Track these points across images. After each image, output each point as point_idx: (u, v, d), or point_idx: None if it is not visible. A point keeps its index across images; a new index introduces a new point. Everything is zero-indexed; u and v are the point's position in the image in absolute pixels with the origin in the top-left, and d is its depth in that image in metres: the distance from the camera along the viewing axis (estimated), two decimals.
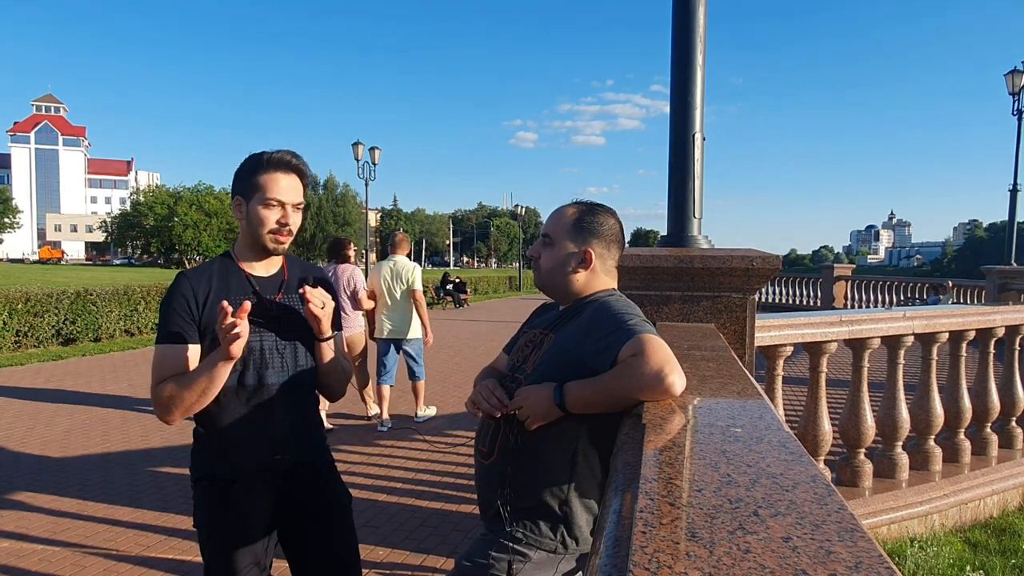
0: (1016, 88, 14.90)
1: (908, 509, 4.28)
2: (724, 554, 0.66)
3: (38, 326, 12.20)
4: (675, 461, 1.02)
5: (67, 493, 4.81)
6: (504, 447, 1.64)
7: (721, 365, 1.86)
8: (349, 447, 5.83)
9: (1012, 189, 15.18)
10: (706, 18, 3.02)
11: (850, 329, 4.11)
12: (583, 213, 1.75)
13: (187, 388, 1.74)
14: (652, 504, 0.81)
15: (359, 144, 23.00)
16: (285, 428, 1.91)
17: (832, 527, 0.73)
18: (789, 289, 22.97)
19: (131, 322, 14.15)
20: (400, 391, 7.61)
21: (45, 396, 8.32)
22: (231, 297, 1.78)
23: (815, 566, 0.64)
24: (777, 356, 3.85)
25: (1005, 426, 5.30)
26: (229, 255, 1.95)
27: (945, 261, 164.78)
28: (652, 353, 1.40)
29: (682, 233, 3.11)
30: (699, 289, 2.90)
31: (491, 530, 1.68)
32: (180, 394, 1.75)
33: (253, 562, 1.90)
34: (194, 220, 73.65)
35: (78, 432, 6.58)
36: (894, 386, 4.46)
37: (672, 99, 3.10)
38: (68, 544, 3.93)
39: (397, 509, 4.51)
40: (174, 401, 1.75)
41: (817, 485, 0.87)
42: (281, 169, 1.85)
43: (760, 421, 1.24)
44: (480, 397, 1.67)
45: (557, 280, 1.75)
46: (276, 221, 1.85)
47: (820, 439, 4.10)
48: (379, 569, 3.63)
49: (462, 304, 25.62)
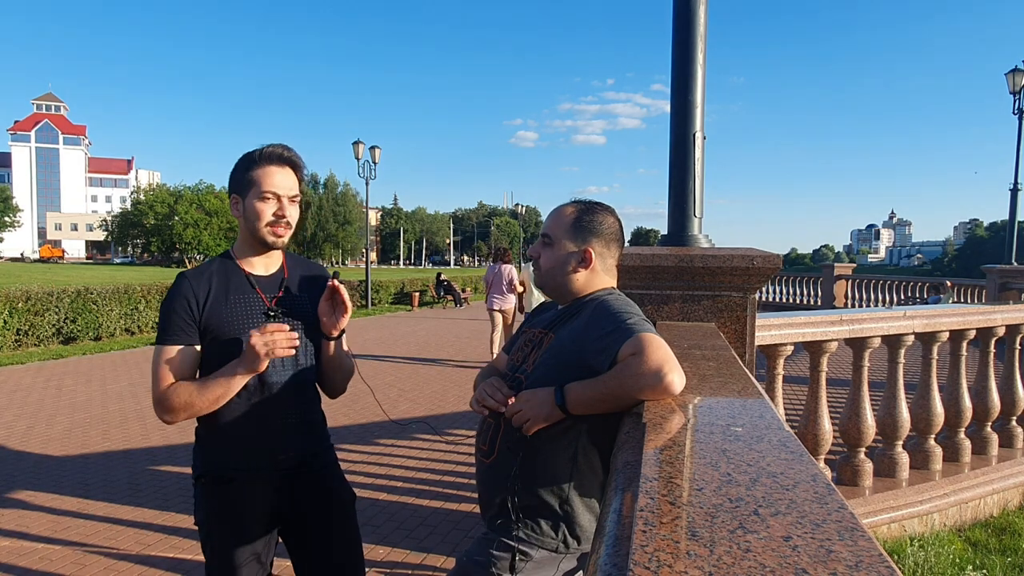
0: (1016, 87, 14.90)
1: (908, 508, 4.28)
2: (724, 553, 0.66)
3: (39, 325, 12.21)
4: (675, 460, 1.02)
5: (68, 492, 4.81)
6: (505, 446, 1.64)
7: (721, 364, 1.86)
8: (350, 445, 5.84)
9: (1013, 188, 15.18)
10: (707, 17, 3.02)
11: (850, 328, 4.11)
12: (582, 212, 1.75)
13: (201, 396, 1.76)
14: (652, 503, 0.81)
15: (359, 143, 22.95)
16: (287, 426, 1.91)
17: (832, 526, 0.73)
18: (790, 288, 22.96)
19: (131, 321, 14.17)
20: (405, 392, 7.59)
21: (46, 395, 8.32)
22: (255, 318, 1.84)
23: (815, 565, 0.64)
24: (777, 355, 3.85)
25: (1005, 425, 5.29)
26: (229, 255, 1.95)
27: (946, 260, 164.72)
28: (651, 352, 1.40)
29: (682, 232, 3.10)
30: (699, 288, 2.90)
31: (492, 529, 1.68)
32: (194, 402, 1.76)
33: (253, 560, 1.90)
34: (195, 219, 73.71)
35: (78, 431, 6.58)
36: (894, 385, 4.45)
37: (673, 98, 3.10)
38: (69, 543, 3.94)
39: (398, 508, 4.51)
40: (187, 408, 1.77)
41: (817, 484, 0.87)
42: (274, 162, 1.86)
43: (760, 420, 1.24)
44: (485, 394, 1.67)
45: (557, 279, 1.75)
46: (272, 214, 1.86)
47: (820, 438, 4.10)
48: (379, 568, 3.63)
49: (462, 303, 25.62)
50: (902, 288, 20.94)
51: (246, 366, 1.74)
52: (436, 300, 26.06)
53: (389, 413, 6.95)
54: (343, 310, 1.89)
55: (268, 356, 1.73)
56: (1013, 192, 15.18)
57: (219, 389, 1.76)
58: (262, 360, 1.73)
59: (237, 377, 1.76)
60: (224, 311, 1.83)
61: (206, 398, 1.76)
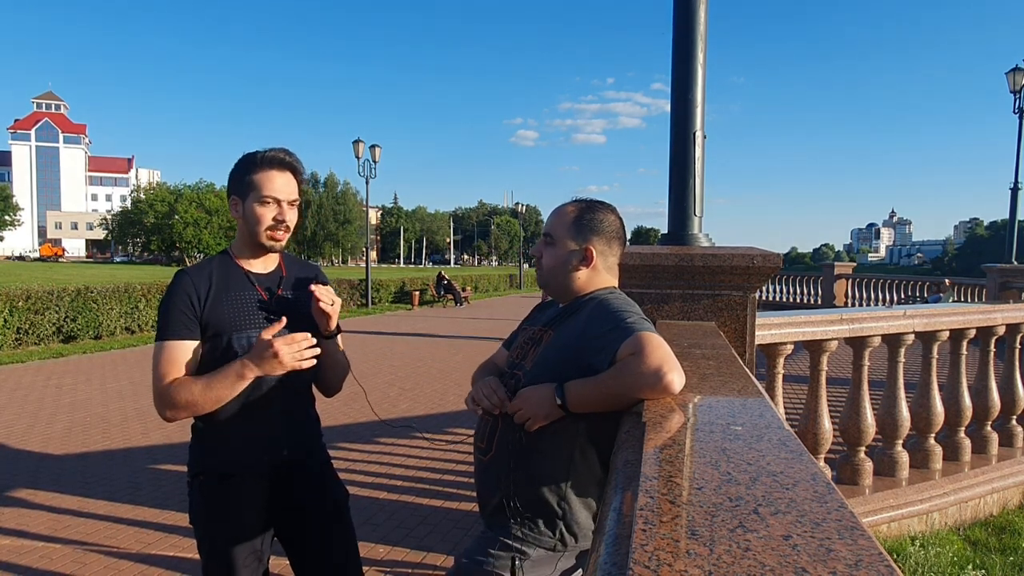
0: (1017, 86, 14.88)
1: (908, 507, 4.28)
2: (724, 552, 0.66)
3: (39, 324, 12.21)
4: (675, 459, 1.02)
5: (68, 490, 4.82)
6: (503, 444, 1.64)
7: (721, 363, 1.86)
8: (349, 444, 5.84)
9: (1013, 187, 15.17)
10: (707, 16, 3.02)
11: (851, 327, 4.11)
12: (583, 211, 1.75)
13: (205, 395, 1.76)
14: (652, 502, 0.81)
15: (359, 142, 22.96)
16: (282, 424, 1.92)
17: (832, 525, 0.73)
18: (790, 287, 22.97)
19: (131, 320, 14.17)
20: (405, 391, 7.60)
21: (46, 394, 8.33)
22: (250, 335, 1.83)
23: (815, 564, 0.64)
24: (777, 354, 3.85)
25: (1005, 424, 5.30)
26: (228, 253, 1.96)
27: (946, 259, 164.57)
28: (650, 351, 1.40)
29: (683, 231, 3.10)
30: (699, 287, 2.90)
31: (490, 527, 1.68)
32: (197, 400, 1.76)
33: (252, 557, 1.90)
34: (195, 218, 73.68)
35: (79, 429, 6.59)
36: (894, 384, 4.45)
37: (673, 97, 3.09)
38: (69, 541, 3.94)
39: (397, 507, 4.52)
40: (190, 406, 1.77)
41: (817, 483, 0.87)
42: (275, 167, 1.87)
43: (760, 419, 1.24)
44: (481, 395, 1.67)
45: (559, 278, 1.75)
46: (273, 218, 1.87)
47: (820, 437, 4.10)
48: (379, 567, 3.63)
49: (462, 302, 25.63)
50: (902, 287, 20.95)
51: (261, 368, 1.74)
52: (436, 299, 26.07)
53: (389, 412, 6.96)
54: (325, 316, 1.91)
55: (292, 367, 1.75)
56: (1013, 191, 15.17)
57: (225, 390, 1.76)
58: (285, 368, 1.74)
59: (246, 377, 1.76)
60: (224, 307, 1.84)
61: (210, 397, 1.76)
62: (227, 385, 1.76)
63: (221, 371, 1.77)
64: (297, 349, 1.74)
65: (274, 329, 1.75)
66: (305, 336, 1.76)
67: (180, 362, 1.79)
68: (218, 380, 1.76)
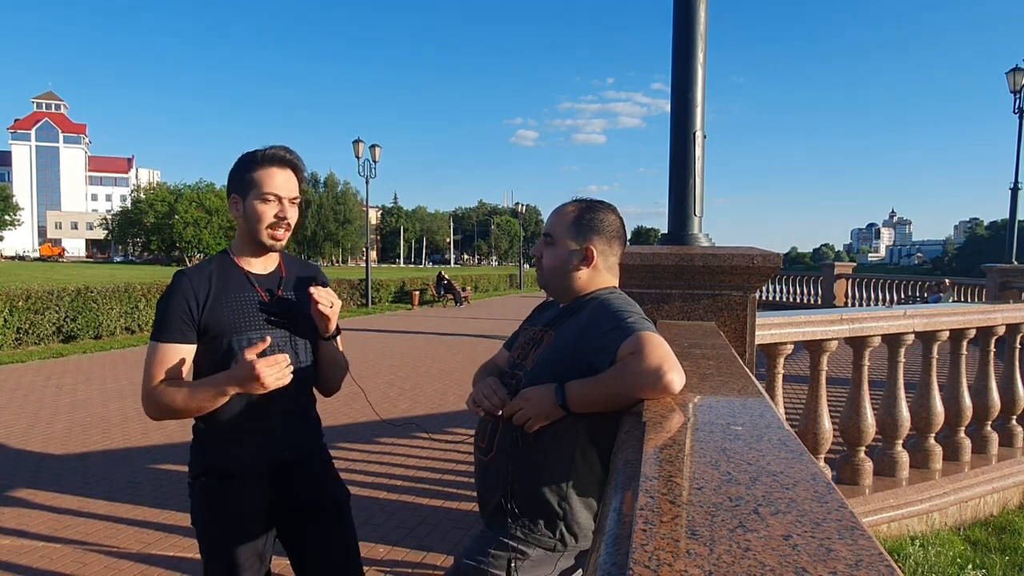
0: (1017, 86, 14.88)
1: (908, 507, 4.28)
2: (724, 552, 0.66)
3: (39, 323, 12.21)
4: (675, 459, 1.02)
5: (68, 490, 4.82)
6: (503, 444, 1.64)
7: (721, 363, 1.86)
8: (350, 444, 5.84)
9: (1013, 187, 15.17)
10: (707, 16, 3.02)
11: (851, 327, 4.11)
12: (583, 210, 1.75)
13: (188, 403, 1.76)
14: (652, 502, 0.81)
15: (360, 142, 22.95)
16: (283, 425, 1.92)
17: (832, 525, 0.73)
18: (790, 287, 22.97)
19: (131, 319, 14.17)
20: (406, 391, 7.60)
21: (46, 394, 8.33)
22: (250, 337, 1.83)
23: (815, 564, 0.64)
24: (777, 354, 3.85)
25: (1005, 424, 5.30)
26: (227, 253, 1.95)
27: (946, 259, 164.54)
28: (651, 351, 1.40)
29: (683, 231, 3.10)
30: (699, 287, 2.90)
31: (490, 527, 1.68)
32: (179, 406, 1.77)
33: (254, 557, 1.90)
34: (195, 217, 73.71)
35: (79, 429, 6.59)
36: (895, 384, 4.45)
37: (673, 97, 3.09)
38: (69, 541, 3.94)
39: (397, 506, 4.52)
40: (170, 410, 1.78)
41: (817, 483, 0.87)
42: (276, 164, 1.87)
43: (760, 419, 1.24)
44: (481, 396, 1.67)
45: (560, 278, 1.75)
46: (274, 215, 1.86)
47: (820, 437, 4.10)
48: (379, 566, 3.63)
49: (462, 302, 25.62)
50: (902, 287, 20.95)
51: (242, 385, 1.73)
52: (436, 299, 26.07)
53: (389, 412, 6.96)
54: (324, 318, 1.90)
55: (273, 387, 1.74)
56: (1013, 191, 15.17)
57: (206, 402, 1.76)
58: (266, 388, 1.73)
59: (227, 394, 1.76)
60: (224, 308, 1.84)
61: (192, 406, 1.77)
62: (208, 398, 1.76)
63: (204, 383, 1.78)
64: (279, 371, 1.73)
65: (257, 349, 1.73)
66: (285, 357, 1.75)
67: (172, 365, 1.79)
68: (200, 392, 1.77)
